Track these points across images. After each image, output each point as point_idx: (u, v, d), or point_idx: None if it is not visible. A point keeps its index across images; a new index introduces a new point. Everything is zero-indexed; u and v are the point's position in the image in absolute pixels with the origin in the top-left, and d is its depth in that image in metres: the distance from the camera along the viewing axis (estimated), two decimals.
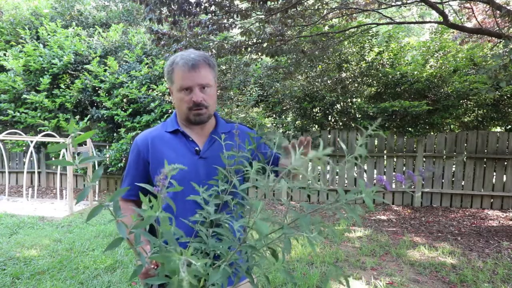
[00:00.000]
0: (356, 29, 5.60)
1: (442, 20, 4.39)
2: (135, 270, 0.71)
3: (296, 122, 6.65)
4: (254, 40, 4.78)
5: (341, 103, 6.51)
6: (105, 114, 6.30)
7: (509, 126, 6.20)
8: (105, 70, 6.40)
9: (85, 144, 5.78)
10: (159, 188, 0.70)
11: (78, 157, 0.69)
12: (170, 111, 6.10)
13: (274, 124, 7.14)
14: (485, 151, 5.73)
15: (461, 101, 5.95)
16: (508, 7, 4.19)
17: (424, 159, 5.97)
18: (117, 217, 0.68)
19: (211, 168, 1.17)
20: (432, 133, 6.08)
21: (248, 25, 4.94)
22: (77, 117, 6.60)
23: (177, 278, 0.57)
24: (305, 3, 5.01)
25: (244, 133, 1.24)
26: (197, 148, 1.21)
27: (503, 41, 3.62)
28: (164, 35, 4.61)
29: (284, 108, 6.81)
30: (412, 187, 6.03)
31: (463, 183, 5.88)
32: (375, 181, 0.69)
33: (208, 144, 1.22)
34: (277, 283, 2.96)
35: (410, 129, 6.04)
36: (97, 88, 6.52)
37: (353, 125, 6.32)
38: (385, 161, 6.10)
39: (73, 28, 7.14)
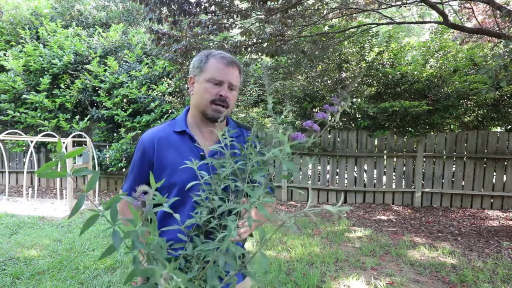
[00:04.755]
0: (356, 29, 5.60)
1: (442, 20, 4.39)
2: (129, 275, 0.70)
3: (296, 122, 6.64)
4: (254, 40, 4.78)
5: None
6: (105, 114, 6.30)
7: (509, 126, 6.20)
8: (105, 70, 6.40)
9: (85, 145, 5.78)
10: (138, 203, 0.69)
11: (72, 167, 0.66)
12: (170, 111, 6.10)
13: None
14: (485, 151, 5.73)
15: (461, 101, 5.95)
16: (509, 7, 4.19)
17: (424, 159, 5.97)
18: (113, 224, 0.67)
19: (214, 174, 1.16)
20: (432, 133, 6.08)
21: (248, 25, 4.94)
22: (77, 117, 6.60)
23: None
24: (305, 3, 5.01)
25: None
26: (202, 153, 1.19)
27: (503, 41, 3.62)
28: (164, 35, 4.61)
29: (284, 108, 6.81)
30: (413, 187, 6.04)
31: (463, 183, 5.88)
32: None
33: (214, 150, 1.19)
34: (275, 283, 2.96)
35: (410, 129, 6.04)
36: (97, 88, 6.52)
37: (353, 125, 6.32)
38: (385, 161, 6.10)
39: (73, 28, 7.14)
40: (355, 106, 6.35)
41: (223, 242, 0.73)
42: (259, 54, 5.08)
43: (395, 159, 6.12)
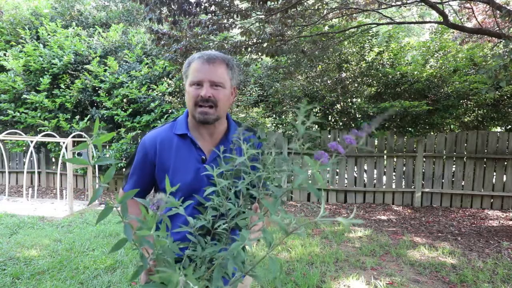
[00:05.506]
0: (356, 29, 5.60)
1: (442, 20, 4.39)
2: (136, 271, 0.71)
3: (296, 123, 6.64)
4: (254, 40, 4.78)
5: (341, 103, 6.51)
6: (105, 114, 6.30)
7: (509, 126, 6.21)
8: (105, 70, 6.40)
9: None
10: (154, 208, 0.69)
11: (96, 157, 0.67)
12: (170, 111, 6.10)
13: (274, 124, 7.14)
14: (485, 151, 5.73)
15: (461, 101, 5.95)
16: (508, 7, 4.19)
17: (424, 159, 5.97)
18: (124, 218, 0.68)
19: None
20: (432, 133, 6.08)
21: (248, 25, 4.94)
22: (77, 117, 6.60)
23: None
24: (305, 3, 5.01)
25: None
26: (203, 156, 1.19)
27: (503, 41, 3.62)
28: (164, 35, 4.61)
29: (284, 108, 6.81)
30: (413, 187, 6.04)
31: (463, 183, 5.88)
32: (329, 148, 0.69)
33: (215, 153, 1.18)
34: (277, 283, 2.96)
35: (410, 129, 6.04)
36: (97, 88, 6.52)
37: (353, 125, 6.31)
38: (385, 161, 6.10)
39: (73, 28, 7.14)
40: (355, 106, 6.35)
41: (233, 246, 0.73)
42: (259, 54, 5.08)
43: (395, 159, 6.12)
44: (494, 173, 5.79)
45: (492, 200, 5.81)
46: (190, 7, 4.08)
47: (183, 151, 1.19)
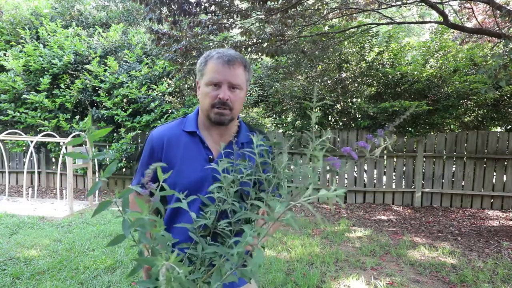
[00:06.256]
0: (356, 29, 5.60)
1: (442, 20, 4.39)
2: (133, 268, 0.71)
3: (296, 122, 6.65)
4: (254, 40, 4.78)
5: (341, 103, 6.51)
6: (105, 114, 6.30)
7: (509, 126, 6.20)
8: (105, 70, 6.40)
9: (85, 144, 5.77)
10: (146, 191, 0.68)
11: (93, 152, 0.68)
12: (170, 111, 6.10)
13: (274, 124, 7.14)
14: (485, 151, 5.73)
15: (461, 101, 5.95)
16: (508, 7, 4.19)
17: (424, 159, 5.97)
18: (124, 214, 0.67)
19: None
20: (432, 133, 6.08)
21: (248, 25, 4.94)
22: (77, 117, 6.60)
23: (161, 283, 0.56)
24: (305, 3, 5.01)
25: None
26: (211, 156, 1.17)
27: (503, 41, 3.62)
28: (164, 35, 4.61)
29: (284, 108, 6.81)
30: (413, 187, 6.03)
31: (463, 183, 5.88)
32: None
33: (223, 154, 1.16)
34: (277, 283, 2.96)
35: (410, 129, 6.04)
36: (97, 88, 6.52)
37: (353, 125, 6.31)
38: (385, 161, 6.10)
39: (73, 28, 7.14)
40: (355, 106, 6.35)
41: (235, 248, 0.73)
42: (259, 54, 5.07)
43: (395, 159, 6.12)
44: (494, 173, 5.79)
45: (492, 200, 5.81)
46: (190, 7, 4.08)
47: (191, 149, 1.18)
